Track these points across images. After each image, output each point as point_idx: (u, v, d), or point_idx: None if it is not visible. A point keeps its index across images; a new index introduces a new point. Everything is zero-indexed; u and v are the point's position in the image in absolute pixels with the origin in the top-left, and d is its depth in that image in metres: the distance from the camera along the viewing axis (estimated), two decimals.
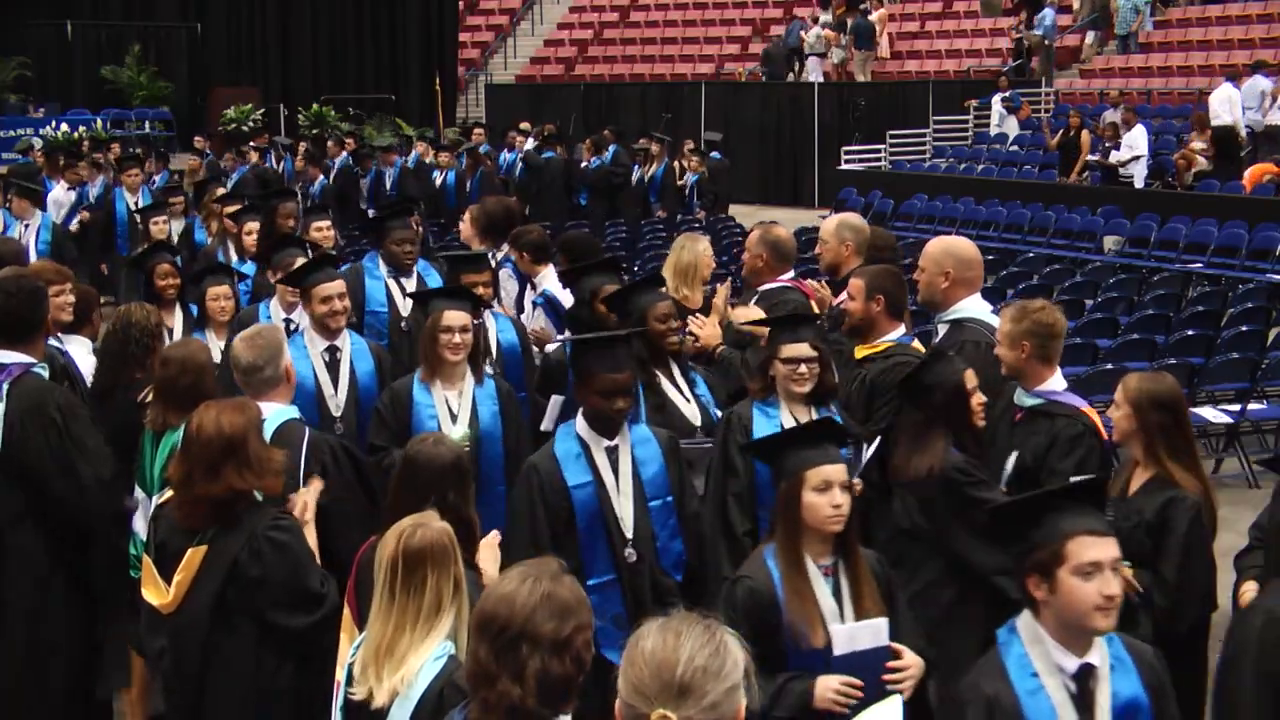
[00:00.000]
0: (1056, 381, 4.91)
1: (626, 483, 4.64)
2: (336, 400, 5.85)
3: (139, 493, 5.18)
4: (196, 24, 27.69)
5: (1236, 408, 9.71)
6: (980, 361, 5.00)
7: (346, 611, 3.94)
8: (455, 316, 5.46)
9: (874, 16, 25.42)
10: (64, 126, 23.76)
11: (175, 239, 10.69)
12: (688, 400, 5.45)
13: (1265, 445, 10.04)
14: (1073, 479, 3.80)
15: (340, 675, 3.61)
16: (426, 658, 3.34)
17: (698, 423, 5.37)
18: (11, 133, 23.56)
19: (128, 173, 13.77)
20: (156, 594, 4.13)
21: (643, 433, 4.81)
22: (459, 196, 16.65)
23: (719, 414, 5.29)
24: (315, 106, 26.39)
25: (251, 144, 20.44)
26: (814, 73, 25.67)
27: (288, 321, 6.70)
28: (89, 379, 5.83)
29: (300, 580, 4.07)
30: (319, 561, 4.25)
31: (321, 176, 17.51)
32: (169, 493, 4.27)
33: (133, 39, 26.75)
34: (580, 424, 4.70)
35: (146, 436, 5.13)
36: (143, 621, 4.32)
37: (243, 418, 4.11)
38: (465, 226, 8.61)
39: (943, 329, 5.47)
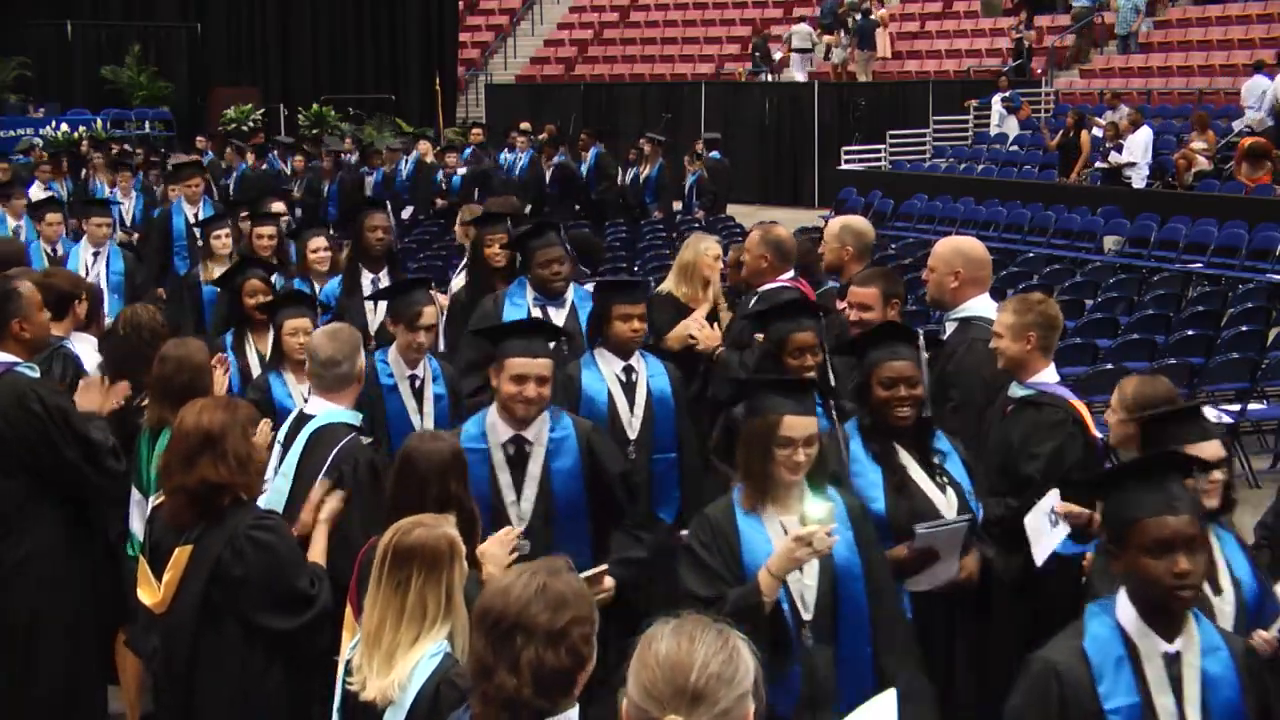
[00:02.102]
0: (1049, 374, 4.94)
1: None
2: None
3: (136, 494, 5.18)
4: (196, 24, 27.69)
5: (1236, 408, 9.71)
6: (988, 359, 5.02)
7: (349, 610, 3.94)
8: (800, 423, 4.00)
9: (876, 15, 25.41)
10: (64, 126, 23.76)
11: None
12: (940, 488, 4.50)
13: (1265, 445, 10.05)
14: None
15: (340, 670, 3.61)
16: (420, 658, 3.33)
17: (949, 514, 4.44)
18: (11, 133, 23.56)
19: (187, 182, 11.34)
20: (149, 593, 4.14)
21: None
22: (463, 197, 16.66)
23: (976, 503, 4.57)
24: (315, 106, 26.40)
25: (250, 143, 20.44)
26: (798, 70, 25.69)
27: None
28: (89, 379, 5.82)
29: (285, 581, 4.04)
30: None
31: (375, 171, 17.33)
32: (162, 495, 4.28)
33: (133, 39, 26.76)
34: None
35: (143, 437, 5.13)
36: (139, 621, 4.33)
37: (226, 414, 4.09)
38: (459, 228, 8.62)
39: (950, 327, 5.49)
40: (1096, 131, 19.17)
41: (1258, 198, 16.46)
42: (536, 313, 6.19)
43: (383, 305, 6.78)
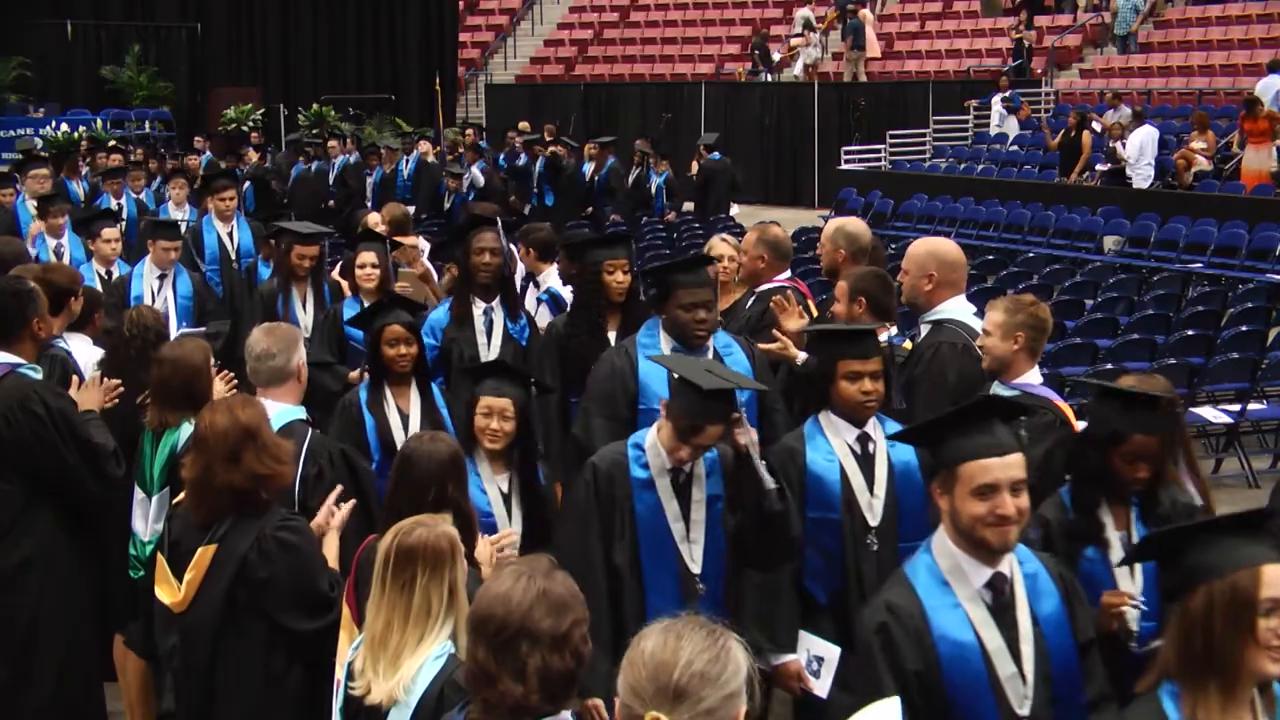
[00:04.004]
0: (1034, 376, 4.93)
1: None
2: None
3: (139, 493, 5.17)
4: (196, 24, 27.67)
5: (1236, 408, 9.71)
6: (956, 362, 5.01)
7: (346, 610, 3.94)
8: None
9: (861, 15, 25.44)
10: (64, 126, 23.77)
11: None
12: None
13: (1265, 445, 10.05)
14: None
15: (340, 674, 3.61)
16: (424, 660, 3.33)
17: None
18: (11, 133, 23.57)
19: (220, 194, 10.10)
20: (169, 592, 4.14)
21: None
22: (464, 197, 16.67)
23: None
24: (315, 106, 26.39)
25: (250, 144, 20.45)
26: (796, 65, 25.78)
27: None
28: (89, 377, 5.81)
29: (309, 582, 4.06)
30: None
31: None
32: (180, 495, 4.28)
33: (133, 39, 26.76)
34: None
35: (146, 437, 5.13)
36: (155, 620, 4.33)
37: (253, 409, 4.14)
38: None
39: (925, 329, 5.46)
40: (1096, 126, 19.16)
41: (1258, 198, 16.47)
42: None
43: (497, 339, 6.45)
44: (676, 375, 4.26)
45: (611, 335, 5.95)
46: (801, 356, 5.38)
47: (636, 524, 4.26)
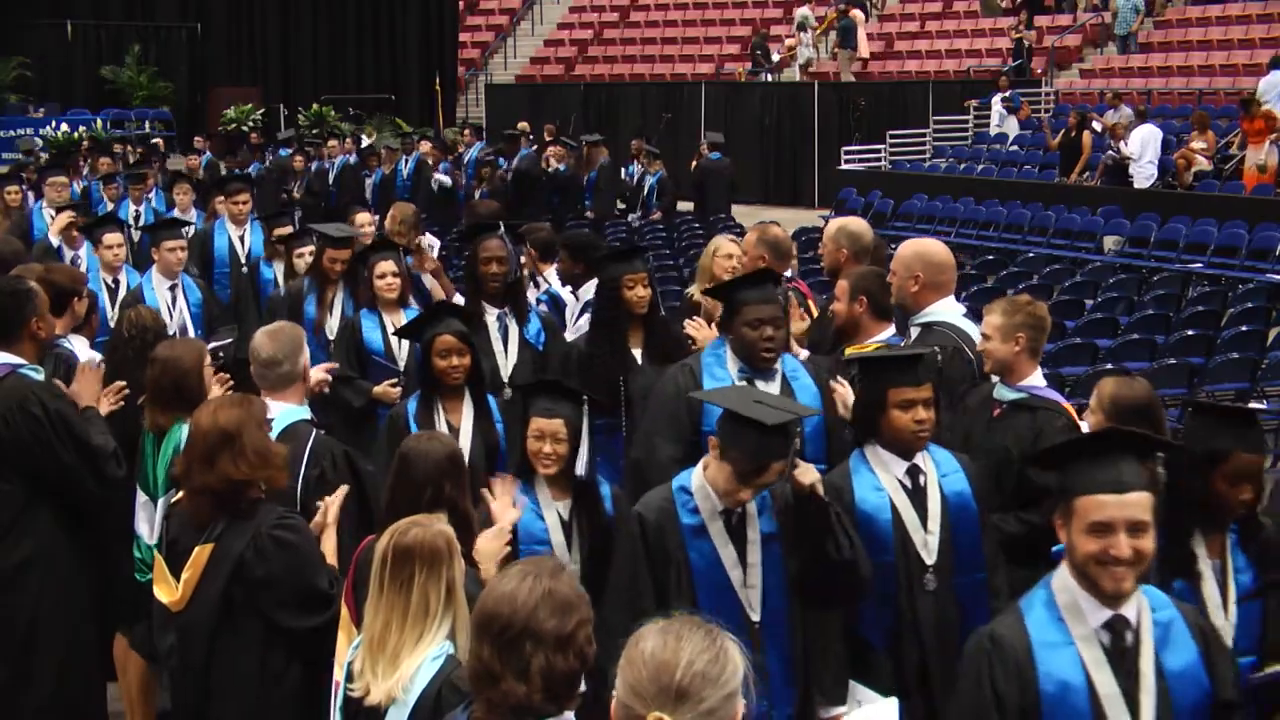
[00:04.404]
0: (1038, 377, 4.92)
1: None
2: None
3: (141, 495, 5.18)
4: (196, 24, 27.72)
5: None
6: (946, 365, 4.98)
7: (345, 611, 3.95)
8: None
9: (854, 13, 25.47)
10: (64, 126, 23.79)
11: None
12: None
13: (1265, 445, 10.03)
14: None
15: (339, 674, 3.61)
16: (423, 659, 3.33)
17: None
18: (11, 133, 23.59)
19: (234, 198, 9.81)
20: (166, 591, 4.14)
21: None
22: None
23: None
24: (315, 106, 26.41)
25: (247, 145, 20.45)
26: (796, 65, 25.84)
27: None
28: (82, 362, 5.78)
29: (307, 580, 4.06)
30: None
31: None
32: (180, 493, 4.28)
33: (133, 39, 26.80)
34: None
35: (148, 438, 5.13)
36: (154, 619, 4.33)
37: (240, 411, 4.10)
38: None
39: (914, 332, 5.43)
40: (1096, 126, 19.15)
41: (1258, 198, 16.47)
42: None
43: (514, 345, 6.31)
44: (731, 413, 3.96)
45: (636, 352, 5.81)
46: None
47: (693, 576, 4.00)
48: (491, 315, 6.32)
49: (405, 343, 6.53)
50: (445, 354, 5.18)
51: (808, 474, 3.97)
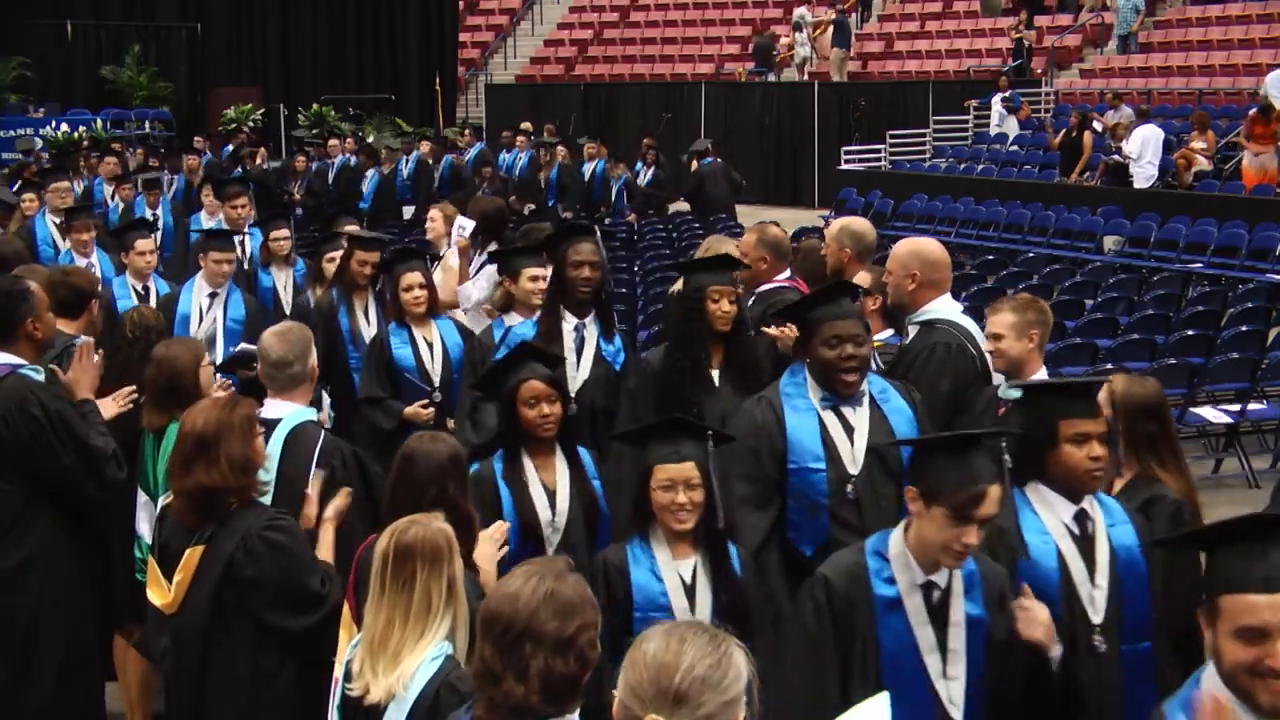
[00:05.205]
0: (1043, 375, 4.93)
1: None
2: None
3: (142, 496, 5.18)
4: (196, 24, 27.68)
5: (1236, 408, 9.70)
6: (951, 363, 4.98)
7: (346, 609, 3.94)
8: None
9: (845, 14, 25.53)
10: (64, 126, 23.78)
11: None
12: None
13: (1265, 445, 10.04)
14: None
15: (338, 672, 3.61)
16: (423, 658, 3.34)
17: None
18: (11, 133, 23.58)
19: (232, 201, 9.60)
20: (159, 593, 4.14)
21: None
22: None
23: None
24: (315, 106, 26.40)
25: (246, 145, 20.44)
26: (802, 47, 25.87)
27: None
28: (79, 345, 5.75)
29: (298, 581, 4.05)
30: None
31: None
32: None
33: (133, 39, 26.76)
34: None
35: (148, 438, 5.13)
36: (148, 621, 4.33)
37: (223, 415, 4.06)
38: (434, 223, 8.28)
39: (913, 330, 5.44)
40: (1097, 126, 19.15)
41: (1258, 198, 16.47)
42: (832, 421, 4.49)
43: (588, 359, 5.69)
44: (927, 444, 3.59)
45: (714, 373, 5.31)
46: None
47: (881, 658, 3.46)
48: (569, 324, 5.73)
49: (438, 359, 6.35)
50: (533, 402, 4.55)
51: (1033, 627, 3.46)
